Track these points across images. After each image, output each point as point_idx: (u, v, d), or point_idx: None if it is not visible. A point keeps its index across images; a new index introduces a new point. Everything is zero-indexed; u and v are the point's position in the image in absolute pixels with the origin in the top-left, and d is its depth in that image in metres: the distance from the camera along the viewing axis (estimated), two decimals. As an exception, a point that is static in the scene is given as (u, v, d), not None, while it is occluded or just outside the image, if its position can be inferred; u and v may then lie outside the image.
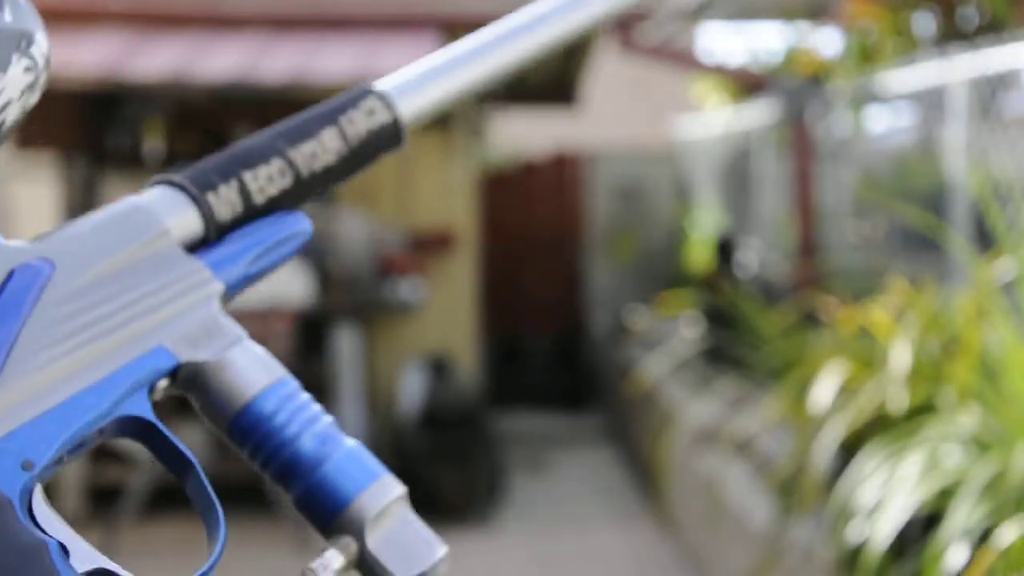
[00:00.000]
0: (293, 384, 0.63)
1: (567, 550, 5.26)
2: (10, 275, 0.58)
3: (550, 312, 8.93)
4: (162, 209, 0.65)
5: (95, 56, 5.57)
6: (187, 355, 0.62)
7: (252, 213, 0.68)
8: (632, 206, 8.85)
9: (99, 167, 6.57)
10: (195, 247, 0.66)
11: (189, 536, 5.00)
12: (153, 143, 6.69)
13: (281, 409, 0.62)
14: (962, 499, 2.42)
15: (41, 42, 0.60)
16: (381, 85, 0.74)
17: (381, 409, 6.24)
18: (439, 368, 6.32)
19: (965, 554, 2.32)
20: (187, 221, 0.65)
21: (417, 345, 6.47)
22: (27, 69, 0.59)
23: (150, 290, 0.62)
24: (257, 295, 5.58)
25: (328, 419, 0.63)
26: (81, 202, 6.43)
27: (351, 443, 0.62)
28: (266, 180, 0.68)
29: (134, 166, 6.62)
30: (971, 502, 2.40)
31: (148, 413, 0.60)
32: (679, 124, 8.94)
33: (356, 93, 0.74)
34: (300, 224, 0.70)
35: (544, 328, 8.88)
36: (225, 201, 0.67)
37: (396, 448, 5.89)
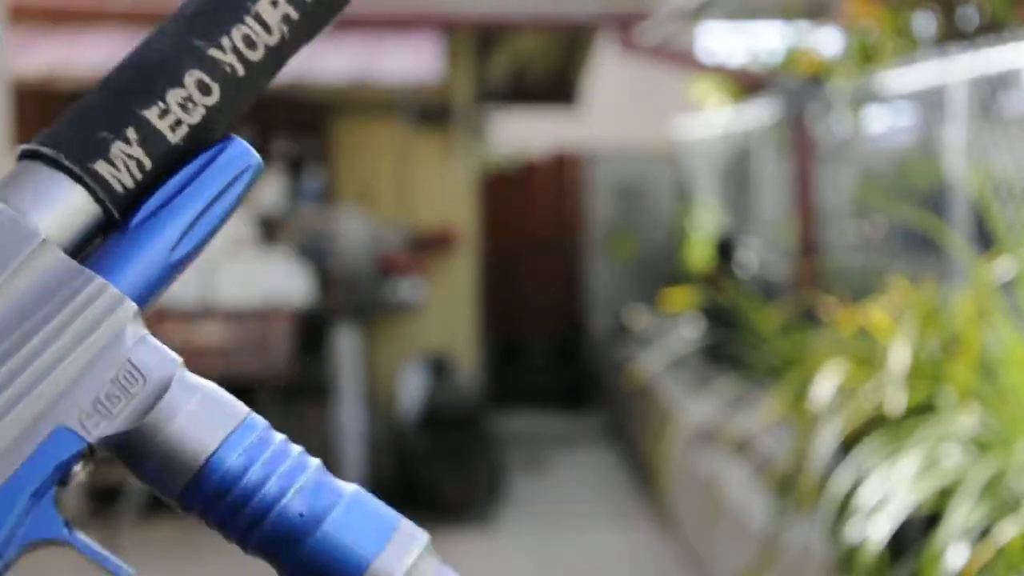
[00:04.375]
0: (261, 424, 0.46)
1: (567, 550, 5.26)
2: None
3: (550, 311, 8.93)
4: (33, 204, 0.45)
5: (95, 56, 5.57)
6: (100, 429, 0.44)
7: (167, 160, 0.47)
8: (632, 206, 8.86)
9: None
10: (91, 236, 0.47)
11: (189, 536, 4.99)
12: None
13: (252, 462, 0.45)
14: (961, 499, 2.42)
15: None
16: None
17: (381, 409, 6.24)
18: (439, 368, 6.32)
19: (964, 554, 2.32)
20: (73, 208, 0.46)
21: (417, 345, 6.47)
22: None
23: (27, 339, 0.43)
24: (257, 295, 5.58)
25: (315, 462, 0.47)
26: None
27: (350, 490, 0.47)
28: (180, 108, 0.47)
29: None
30: (970, 502, 2.40)
31: (60, 532, 0.44)
32: (679, 124, 8.94)
33: None
34: (239, 156, 0.49)
35: (544, 328, 8.88)
36: (124, 164, 0.46)
37: (396, 448, 5.90)
